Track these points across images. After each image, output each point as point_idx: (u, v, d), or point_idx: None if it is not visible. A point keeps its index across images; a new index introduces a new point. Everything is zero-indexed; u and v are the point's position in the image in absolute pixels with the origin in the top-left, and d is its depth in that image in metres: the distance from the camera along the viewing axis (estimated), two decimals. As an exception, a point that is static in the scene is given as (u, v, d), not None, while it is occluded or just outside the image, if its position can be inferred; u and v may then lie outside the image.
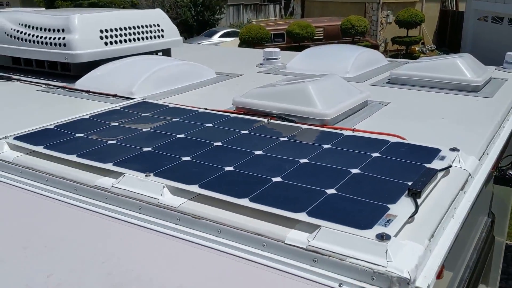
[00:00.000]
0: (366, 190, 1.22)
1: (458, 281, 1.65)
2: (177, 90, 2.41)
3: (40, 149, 1.54)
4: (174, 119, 1.82)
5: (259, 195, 1.19)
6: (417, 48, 18.47)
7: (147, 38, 2.91)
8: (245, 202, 1.16)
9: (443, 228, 1.15)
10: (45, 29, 2.68)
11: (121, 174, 1.34)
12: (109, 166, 1.39)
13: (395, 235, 1.02)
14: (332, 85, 1.94)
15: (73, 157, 1.46)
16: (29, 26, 2.75)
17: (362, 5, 19.43)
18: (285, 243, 1.05)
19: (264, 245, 1.08)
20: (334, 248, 1.01)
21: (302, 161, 1.40)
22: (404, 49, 18.13)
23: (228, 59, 3.44)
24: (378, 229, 1.03)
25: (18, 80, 2.70)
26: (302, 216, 1.09)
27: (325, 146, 1.51)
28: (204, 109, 1.95)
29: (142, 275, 1.03)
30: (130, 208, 1.27)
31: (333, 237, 1.03)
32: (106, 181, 1.34)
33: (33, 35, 2.70)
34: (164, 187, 1.26)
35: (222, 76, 2.75)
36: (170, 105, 2.02)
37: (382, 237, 0.99)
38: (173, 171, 1.35)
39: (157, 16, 3.02)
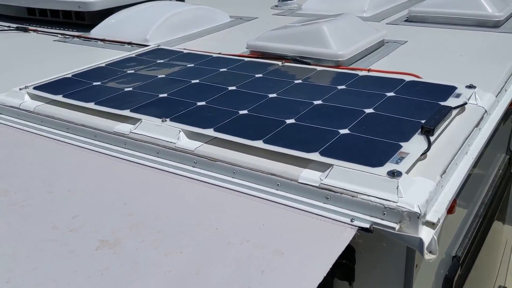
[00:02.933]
0: (379, 129, 1.22)
1: (473, 217, 1.68)
2: (192, 35, 2.40)
3: (59, 97, 1.58)
4: (188, 65, 1.83)
5: (273, 137, 1.21)
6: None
7: (159, -17, 2.86)
8: (259, 144, 1.19)
9: (456, 165, 1.16)
10: (57, -22, 2.65)
11: (138, 120, 1.37)
12: (126, 112, 1.42)
13: (407, 172, 1.04)
14: (347, 25, 1.91)
15: (91, 105, 1.49)
16: (41, -25, 2.73)
17: None
18: (298, 182, 1.08)
19: (278, 184, 1.11)
20: (346, 185, 1.03)
21: (316, 102, 1.41)
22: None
23: (242, 1, 3.37)
24: (389, 166, 1.05)
25: (34, 31, 2.71)
26: (314, 156, 1.11)
27: (339, 87, 1.51)
28: (218, 54, 1.95)
29: (161, 214, 1.08)
30: (148, 152, 1.31)
31: (345, 175, 1.05)
32: (124, 127, 1.37)
33: (46, -16, 2.69)
34: (180, 131, 1.28)
35: (237, 19, 2.71)
36: (185, 51, 2.02)
37: (393, 174, 1.01)
38: (189, 116, 1.37)
39: (169, -40, 2.96)
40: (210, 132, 1.27)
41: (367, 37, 1.90)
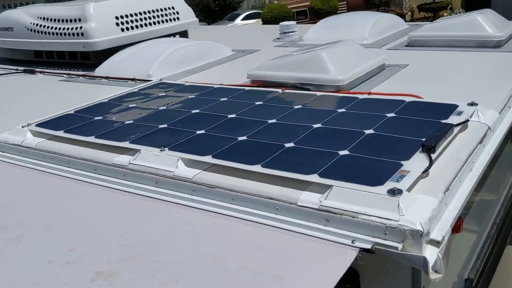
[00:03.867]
0: (379, 149, 1.20)
1: (484, 238, 1.62)
2: (194, 69, 2.43)
3: (60, 133, 1.58)
4: (189, 96, 1.84)
5: (271, 161, 1.19)
6: (445, 14, 17.90)
7: (162, 21, 2.93)
8: (257, 168, 1.17)
9: (460, 182, 1.12)
10: (62, 20, 2.72)
11: (137, 150, 1.36)
12: (125, 144, 1.41)
13: (408, 190, 1.01)
14: (346, 50, 1.91)
15: (91, 138, 1.50)
16: (47, 19, 2.81)
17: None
18: (297, 205, 1.05)
19: (277, 208, 1.08)
20: (346, 206, 1.01)
21: (315, 126, 1.40)
22: (431, 16, 17.61)
23: (245, 36, 3.42)
24: (390, 184, 1.02)
25: (41, 72, 2.76)
26: (313, 178, 1.09)
27: (339, 110, 1.50)
28: (220, 85, 1.96)
29: (159, 243, 1.06)
30: (147, 182, 1.29)
31: (344, 195, 1.02)
32: (123, 159, 1.37)
33: (51, 27, 2.76)
34: (178, 160, 1.27)
35: (239, 53, 2.74)
36: (186, 84, 2.04)
37: (394, 192, 0.98)
38: (187, 144, 1.36)
39: (171, -1, 3.03)
40: (208, 159, 1.25)
41: (367, 61, 1.90)
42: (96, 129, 1.57)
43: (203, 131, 1.45)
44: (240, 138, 1.36)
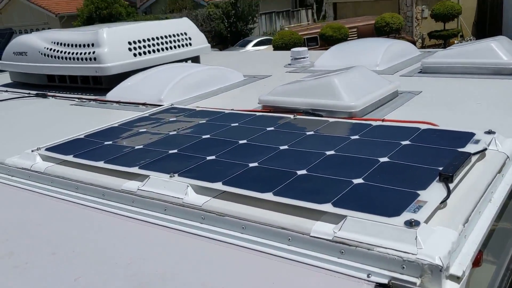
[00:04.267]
0: (394, 178, 1.17)
1: (504, 270, 1.56)
2: (205, 94, 2.42)
3: (70, 158, 1.57)
4: (200, 121, 1.82)
5: (283, 189, 1.16)
6: (455, 41, 17.95)
7: (175, 47, 2.95)
8: (268, 196, 1.14)
9: (480, 213, 1.08)
10: (76, 45, 2.75)
11: (146, 176, 1.34)
12: (135, 169, 1.39)
13: (425, 221, 0.97)
14: (359, 77, 1.89)
15: (100, 164, 1.48)
16: (61, 44, 2.84)
17: (395, 2, 19.08)
18: (310, 236, 1.02)
19: (289, 239, 1.05)
20: (361, 238, 0.97)
21: (328, 153, 1.37)
22: (442, 43, 17.66)
23: (256, 62, 3.43)
24: (407, 215, 0.98)
25: (52, 96, 2.78)
26: (327, 207, 1.05)
27: (353, 137, 1.47)
28: (231, 110, 1.94)
29: (167, 274, 1.02)
30: (156, 209, 1.27)
31: (359, 226, 0.98)
32: (132, 185, 1.34)
33: (65, 52, 2.78)
34: (188, 186, 1.25)
35: (250, 78, 2.74)
36: (197, 109, 2.02)
37: (411, 224, 0.94)
38: (197, 171, 1.34)
39: (184, 25, 3.06)
40: (218, 185, 1.23)
41: (380, 88, 1.88)
42: (106, 154, 1.55)
43: (213, 157, 1.43)
44: (251, 165, 1.34)
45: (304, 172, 1.25)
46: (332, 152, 1.37)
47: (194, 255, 1.08)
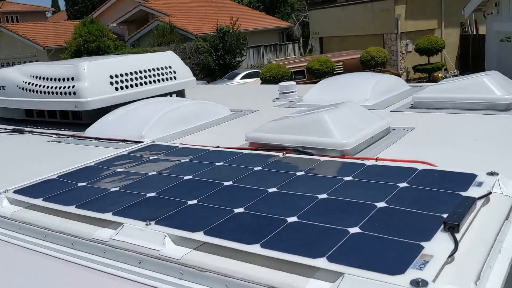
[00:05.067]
0: (394, 226, 1.06)
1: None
2: (190, 130, 2.31)
3: (39, 201, 1.44)
4: (183, 160, 1.71)
5: (272, 240, 1.04)
6: (440, 75, 18.20)
7: (159, 80, 2.85)
8: (255, 249, 1.02)
9: (490, 267, 0.97)
10: (55, 79, 2.64)
11: (120, 224, 1.22)
12: (108, 216, 1.27)
13: (433, 280, 0.85)
14: (349, 113, 1.81)
15: (71, 209, 1.35)
16: (40, 78, 2.73)
17: (380, 36, 19.41)
18: (304, 297, 0.89)
19: (279, 299, 0.92)
20: (360, 299, 0.85)
21: (320, 196, 1.25)
22: (427, 77, 17.90)
23: (244, 96, 3.35)
24: (412, 273, 0.86)
25: (30, 132, 2.65)
26: (321, 263, 0.93)
27: (346, 179, 1.36)
28: (216, 147, 1.83)
29: None
30: (130, 262, 1.14)
31: (359, 286, 0.87)
32: (104, 233, 1.21)
33: (43, 86, 2.67)
34: (165, 236, 1.12)
35: (237, 113, 2.64)
36: (180, 146, 1.91)
37: (418, 284, 0.83)
38: (177, 217, 1.21)
39: (169, 58, 2.97)
40: (199, 236, 1.10)
41: (371, 124, 1.79)
42: (78, 198, 1.43)
43: (195, 201, 1.31)
44: (236, 210, 1.22)
45: (294, 219, 1.14)
46: (324, 196, 1.26)
47: (171, 318, 0.95)
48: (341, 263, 0.92)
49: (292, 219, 1.14)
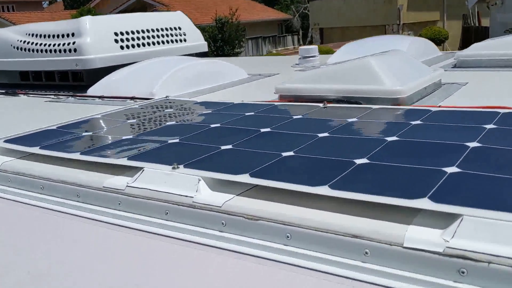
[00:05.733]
0: (503, 165, 0.81)
1: None
2: (205, 90, 2.06)
3: (35, 150, 1.18)
4: (205, 111, 1.45)
5: (341, 181, 0.79)
6: (442, 67, 17.94)
7: (167, 42, 2.59)
8: (324, 190, 0.77)
9: None
10: (53, 36, 2.38)
11: (139, 169, 0.96)
12: (122, 161, 1.01)
13: None
14: (399, 61, 1.55)
15: (76, 155, 1.09)
16: (37, 35, 2.46)
17: (382, 27, 19.12)
18: (404, 247, 0.64)
19: (366, 253, 0.67)
20: (491, 248, 0.60)
21: (389, 139, 1.00)
22: (429, 68, 17.63)
23: (260, 63, 3.09)
24: (560, 214, 0.62)
25: (24, 94, 2.38)
26: (426, 204, 0.68)
27: (413, 123, 1.11)
28: (241, 101, 1.58)
29: (175, 309, 0.64)
30: (153, 214, 0.88)
31: (486, 230, 0.62)
32: (118, 181, 0.96)
33: (40, 44, 2.40)
34: (199, 180, 0.87)
35: (255, 76, 2.39)
36: (199, 100, 1.66)
37: None
38: (210, 161, 0.96)
39: (178, 19, 2.71)
40: (244, 178, 0.85)
41: (423, 75, 1.54)
42: (83, 146, 1.17)
43: (229, 146, 1.06)
44: (284, 154, 0.97)
45: (364, 160, 0.89)
46: (394, 138, 1.01)
47: (211, 278, 0.70)
48: (452, 204, 0.67)
49: (360, 160, 0.89)
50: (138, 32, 2.45)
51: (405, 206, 0.69)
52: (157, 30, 2.56)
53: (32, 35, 2.47)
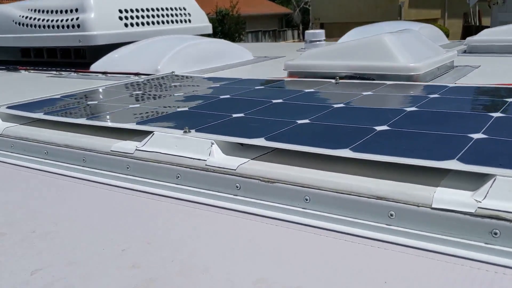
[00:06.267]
0: (531, 133, 0.78)
1: None
2: (211, 69, 2.02)
3: (39, 115, 1.14)
4: (213, 85, 1.42)
5: (363, 145, 0.76)
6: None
7: (172, 21, 2.55)
8: (345, 153, 0.73)
9: None
10: (56, 11, 2.33)
11: (148, 133, 0.92)
12: (131, 125, 0.98)
13: None
14: (413, 39, 1.52)
15: (82, 121, 1.06)
16: (39, 11, 2.41)
17: (383, 23, 19.09)
18: (433, 208, 0.61)
19: (391, 215, 0.64)
20: (527, 209, 0.57)
21: (408, 109, 0.97)
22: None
23: (266, 48, 3.05)
24: None
25: (25, 69, 2.34)
26: (455, 164, 0.65)
27: (432, 96, 1.08)
28: (249, 78, 1.54)
29: (187, 266, 0.60)
30: (164, 178, 0.85)
31: (520, 191, 0.59)
32: (127, 145, 0.92)
33: (42, 20, 2.36)
34: (212, 144, 0.83)
35: (261, 58, 2.35)
36: (206, 76, 1.62)
37: None
38: (223, 127, 0.93)
39: (184, -1, 2.67)
40: (260, 141, 0.82)
41: (437, 54, 1.51)
42: (89, 112, 1.13)
43: (242, 114, 1.02)
44: (299, 122, 0.93)
45: (384, 127, 0.85)
46: (413, 108, 0.97)
47: (227, 243, 0.67)
48: (483, 164, 0.64)
49: (381, 127, 0.85)
50: (142, 10, 2.41)
51: (433, 167, 0.65)
52: (162, 9, 2.51)
53: (35, 10, 2.42)
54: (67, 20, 2.26)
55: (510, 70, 1.61)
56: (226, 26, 21.36)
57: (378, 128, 0.85)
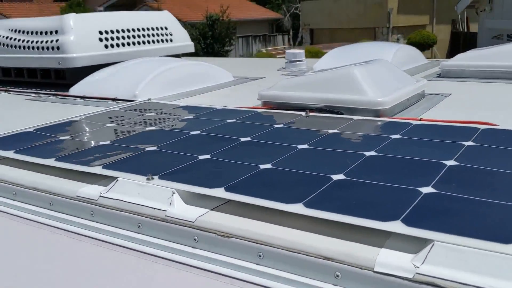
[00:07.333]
0: (478, 186, 0.80)
1: None
2: (190, 93, 2.04)
3: (9, 154, 1.16)
4: (186, 117, 1.44)
5: (316, 199, 0.78)
6: (430, 70, 18.06)
7: (153, 41, 2.56)
8: (298, 208, 0.76)
9: None
10: (36, 33, 2.34)
11: (113, 179, 0.94)
12: (97, 169, 0.99)
13: None
14: (382, 70, 1.55)
15: (50, 162, 1.07)
16: (20, 31, 2.42)
17: (371, 30, 19.22)
18: (374, 272, 0.64)
19: (337, 276, 0.66)
20: (461, 276, 0.59)
21: (367, 153, 1.00)
22: (418, 72, 17.74)
23: (246, 66, 3.08)
24: (531, 242, 0.61)
25: (5, 91, 2.34)
26: (399, 227, 0.68)
27: (393, 137, 1.11)
28: (224, 106, 1.56)
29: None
30: (126, 226, 0.87)
31: (457, 257, 0.61)
32: (92, 190, 0.94)
33: (23, 41, 2.36)
34: (173, 193, 0.85)
35: (241, 79, 2.37)
36: (181, 104, 1.64)
37: (550, 256, 0.58)
38: (186, 172, 0.95)
39: (165, 18, 2.68)
40: (219, 192, 0.84)
41: (407, 85, 1.54)
42: (59, 151, 1.15)
43: (207, 156, 1.04)
44: (262, 166, 0.96)
45: (341, 176, 0.88)
46: (372, 153, 1.00)
47: (184, 297, 0.69)
48: (425, 228, 0.66)
49: (337, 176, 0.88)
50: (123, 31, 2.42)
51: (379, 229, 0.68)
52: (143, 29, 2.53)
53: (15, 31, 2.42)
54: (46, 41, 2.27)
55: (479, 99, 1.65)
56: (216, 31, 21.38)
57: (335, 177, 0.88)
